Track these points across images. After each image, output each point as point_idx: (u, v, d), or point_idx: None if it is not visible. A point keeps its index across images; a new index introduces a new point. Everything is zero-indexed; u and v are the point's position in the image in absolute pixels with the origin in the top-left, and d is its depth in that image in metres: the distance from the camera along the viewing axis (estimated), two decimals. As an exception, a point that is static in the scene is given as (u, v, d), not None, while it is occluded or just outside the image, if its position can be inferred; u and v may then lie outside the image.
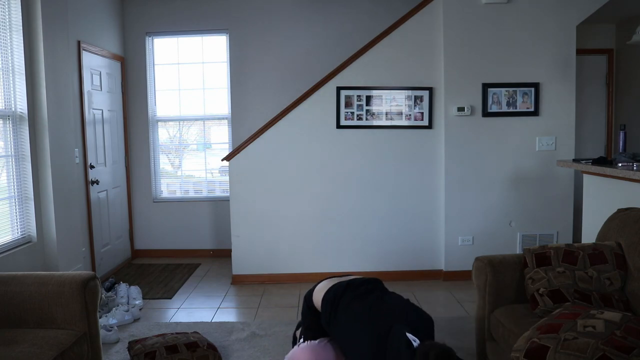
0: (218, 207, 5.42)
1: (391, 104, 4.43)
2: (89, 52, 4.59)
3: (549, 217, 4.45)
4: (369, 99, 4.42)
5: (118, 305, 3.71)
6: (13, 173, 3.31)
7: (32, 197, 3.41)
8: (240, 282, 4.52)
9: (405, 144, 4.46)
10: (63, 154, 3.68)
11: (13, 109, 3.32)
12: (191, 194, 5.60)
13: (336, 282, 2.46)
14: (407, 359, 1.86)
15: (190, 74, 5.49)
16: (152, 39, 5.44)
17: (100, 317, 3.42)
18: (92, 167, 4.59)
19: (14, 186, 3.32)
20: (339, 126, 4.43)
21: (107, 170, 4.93)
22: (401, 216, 4.51)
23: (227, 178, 5.05)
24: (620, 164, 2.96)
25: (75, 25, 4.29)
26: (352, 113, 4.43)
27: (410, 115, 4.44)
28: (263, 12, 5.22)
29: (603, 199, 3.21)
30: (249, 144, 4.43)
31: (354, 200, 4.50)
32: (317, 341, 2.46)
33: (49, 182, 3.48)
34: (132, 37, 5.36)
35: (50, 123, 3.47)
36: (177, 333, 3.03)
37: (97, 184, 4.67)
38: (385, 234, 4.54)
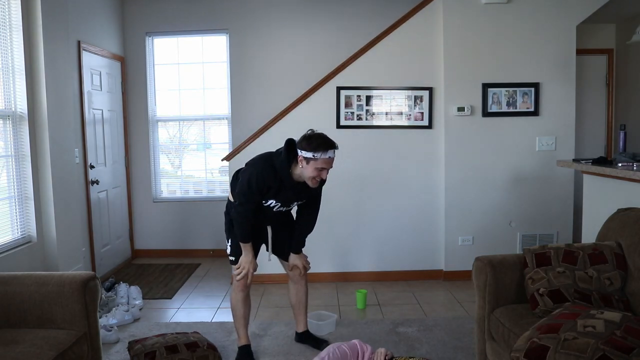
0: (218, 207, 5.39)
1: (391, 104, 4.43)
2: (89, 52, 4.59)
3: (549, 217, 4.45)
4: (369, 99, 4.42)
5: (118, 305, 3.71)
6: (13, 173, 3.31)
7: (32, 197, 3.41)
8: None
9: (405, 144, 4.46)
10: (63, 154, 3.68)
11: (13, 109, 3.32)
12: (191, 194, 5.60)
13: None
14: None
15: (190, 74, 5.49)
16: (152, 39, 5.44)
17: (100, 317, 3.42)
18: (92, 167, 4.59)
19: (14, 186, 3.32)
20: (339, 126, 4.43)
21: (107, 170, 4.93)
22: (401, 216, 4.51)
23: (227, 178, 5.05)
24: (620, 164, 2.96)
25: (75, 25, 4.29)
26: (352, 113, 4.43)
27: (410, 115, 4.44)
28: (263, 12, 5.22)
29: (603, 199, 3.21)
30: (249, 144, 4.42)
31: (353, 200, 4.50)
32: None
33: (49, 182, 3.48)
34: (132, 37, 5.36)
35: (50, 123, 3.47)
36: (177, 333, 3.03)
37: (97, 184, 4.67)
38: (385, 234, 4.54)
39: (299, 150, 2.65)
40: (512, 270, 2.53)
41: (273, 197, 2.77)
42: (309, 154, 2.60)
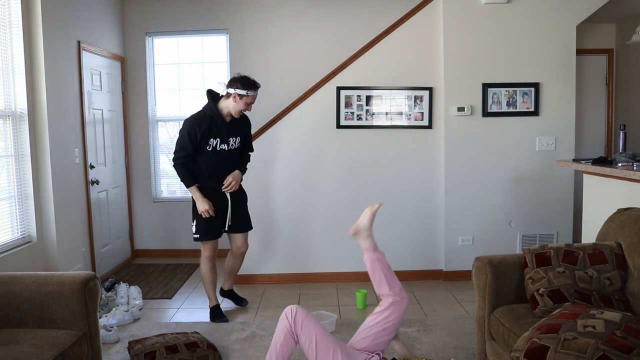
0: (218, 207, 5.40)
1: (391, 104, 4.43)
2: (89, 52, 4.59)
3: (549, 217, 4.45)
4: (369, 99, 4.42)
5: (118, 305, 3.71)
6: (13, 173, 3.31)
7: (32, 197, 3.41)
8: (240, 282, 4.52)
9: (405, 144, 4.46)
10: (63, 154, 3.68)
11: (13, 109, 3.32)
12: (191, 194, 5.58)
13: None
14: None
15: (190, 74, 5.49)
16: (152, 39, 5.44)
17: (100, 317, 3.43)
18: (92, 167, 4.59)
19: (14, 186, 3.32)
20: (339, 126, 4.44)
21: (107, 170, 4.93)
22: (401, 216, 4.51)
23: (227, 178, 5.04)
24: (620, 164, 2.96)
25: (75, 25, 4.29)
26: (352, 113, 4.43)
27: (410, 115, 4.44)
28: (263, 12, 5.22)
29: (603, 199, 3.21)
30: (249, 144, 4.42)
31: (353, 200, 4.49)
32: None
33: (49, 182, 3.48)
34: (132, 37, 5.36)
35: (50, 123, 3.47)
36: (177, 333, 3.04)
37: (97, 184, 4.67)
38: (385, 234, 4.53)
39: (233, 89, 3.41)
40: (512, 270, 2.53)
41: (213, 136, 3.45)
42: (243, 92, 3.41)
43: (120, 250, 5.23)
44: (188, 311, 3.90)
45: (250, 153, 3.82)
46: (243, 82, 3.40)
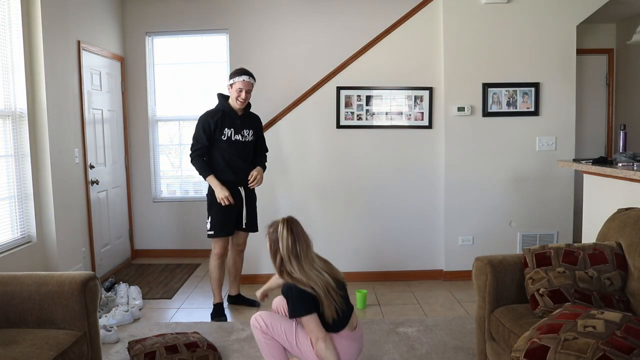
0: (218, 207, 5.40)
1: (391, 104, 4.43)
2: (89, 52, 4.59)
3: (549, 217, 4.45)
4: (369, 99, 4.42)
5: (118, 305, 3.71)
6: (13, 173, 3.31)
7: (32, 197, 3.41)
8: (241, 282, 4.51)
9: (405, 144, 4.46)
10: (63, 154, 3.68)
11: (13, 109, 3.32)
12: (191, 194, 5.60)
13: None
14: None
15: (190, 73, 5.49)
16: (152, 39, 5.44)
17: (100, 317, 3.42)
18: (92, 167, 4.59)
19: (14, 186, 3.32)
20: (339, 126, 4.44)
21: (107, 170, 4.93)
22: (401, 216, 4.51)
23: (227, 178, 5.04)
24: (620, 164, 2.96)
25: (75, 25, 4.29)
26: (352, 113, 4.43)
27: (410, 115, 4.44)
28: (263, 12, 5.22)
29: (603, 199, 3.21)
30: (249, 144, 4.42)
31: (353, 200, 4.50)
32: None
33: (49, 182, 3.48)
34: (132, 37, 5.36)
35: (50, 123, 3.47)
36: (177, 333, 3.04)
37: (97, 184, 4.67)
38: (385, 234, 4.54)
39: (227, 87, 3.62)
40: (512, 270, 2.53)
41: (227, 126, 3.55)
42: (231, 80, 3.57)
43: (120, 250, 5.22)
44: (188, 311, 3.90)
45: (266, 153, 3.89)
46: (231, 73, 3.64)
